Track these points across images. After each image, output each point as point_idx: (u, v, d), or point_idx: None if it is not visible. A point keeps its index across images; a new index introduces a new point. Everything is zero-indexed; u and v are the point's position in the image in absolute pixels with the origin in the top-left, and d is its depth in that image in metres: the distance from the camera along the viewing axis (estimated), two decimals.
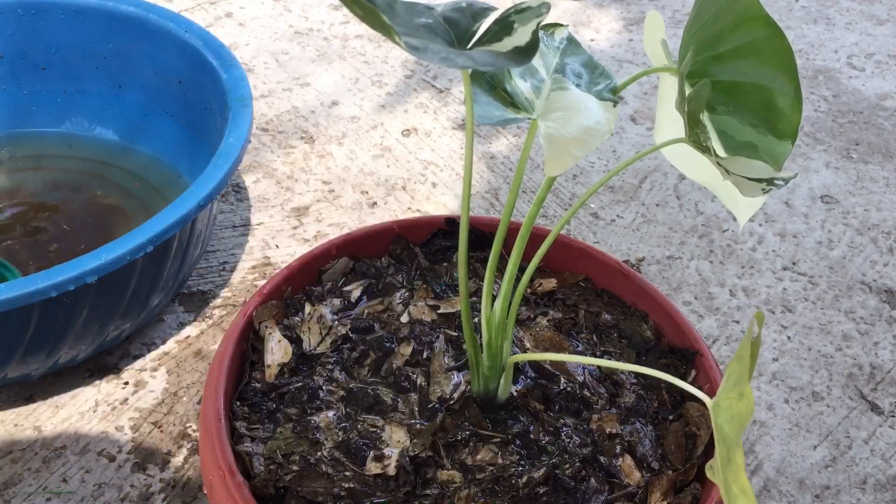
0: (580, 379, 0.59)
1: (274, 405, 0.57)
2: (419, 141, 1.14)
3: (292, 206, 1.02)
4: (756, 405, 0.81)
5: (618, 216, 1.03)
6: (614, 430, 0.56)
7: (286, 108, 1.19)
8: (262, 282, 0.91)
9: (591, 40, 1.38)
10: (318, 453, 0.53)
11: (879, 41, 1.41)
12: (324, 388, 0.57)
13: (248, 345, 0.61)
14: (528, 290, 0.67)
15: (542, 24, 0.47)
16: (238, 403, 0.57)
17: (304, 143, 1.12)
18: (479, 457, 0.54)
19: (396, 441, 0.54)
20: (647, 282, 0.65)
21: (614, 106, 0.47)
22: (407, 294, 0.65)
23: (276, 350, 0.59)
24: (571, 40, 0.52)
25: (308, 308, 0.62)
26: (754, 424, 0.79)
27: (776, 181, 0.44)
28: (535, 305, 0.66)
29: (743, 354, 0.38)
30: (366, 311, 0.63)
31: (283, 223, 1.00)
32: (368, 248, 0.69)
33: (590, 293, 0.68)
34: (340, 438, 0.54)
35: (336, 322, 0.61)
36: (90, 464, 0.74)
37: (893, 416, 0.81)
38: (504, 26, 0.43)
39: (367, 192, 1.05)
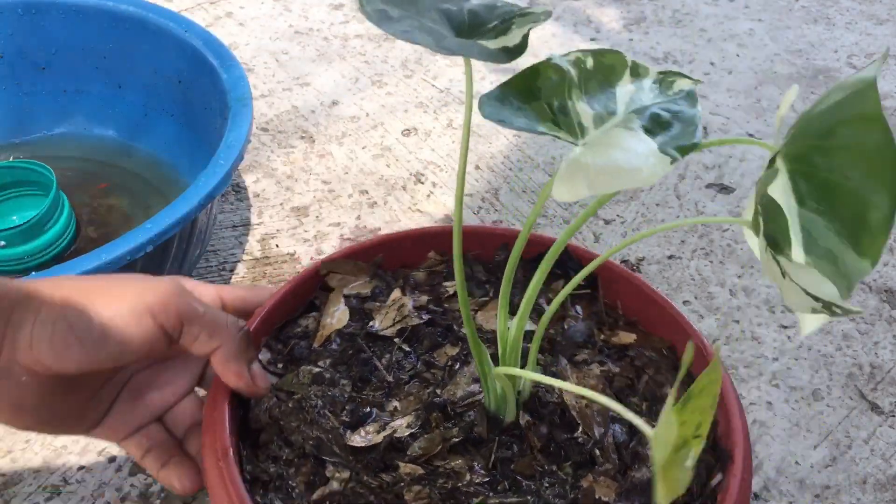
0: (598, 436, 0.54)
1: (306, 352, 0.58)
2: (419, 141, 1.14)
3: (292, 206, 1.02)
4: (756, 405, 0.81)
5: (618, 216, 1.03)
6: (606, 499, 0.50)
7: (286, 108, 1.19)
8: (263, 281, 0.91)
9: (592, 40, 1.38)
10: (316, 402, 0.54)
11: (879, 41, 1.41)
12: (360, 361, 0.58)
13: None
14: (601, 338, 0.61)
15: (667, 71, 0.44)
16: (274, 341, 0.58)
17: (304, 143, 1.12)
18: (450, 464, 0.52)
19: (387, 419, 0.54)
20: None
21: (671, 162, 0.41)
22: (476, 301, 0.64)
23: (336, 315, 0.60)
24: (691, 96, 0.44)
25: (396, 293, 0.62)
26: (754, 424, 0.79)
27: (835, 307, 0.36)
28: (599, 352, 0.60)
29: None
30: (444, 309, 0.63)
31: (283, 223, 1.00)
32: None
33: (666, 363, 0.59)
34: (337, 399, 0.55)
35: (414, 314, 0.60)
36: (90, 464, 0.74)
37: (893, 416, 0.81)
38: (504, 26, 0.43)
39: (367, 192, 1.05)
